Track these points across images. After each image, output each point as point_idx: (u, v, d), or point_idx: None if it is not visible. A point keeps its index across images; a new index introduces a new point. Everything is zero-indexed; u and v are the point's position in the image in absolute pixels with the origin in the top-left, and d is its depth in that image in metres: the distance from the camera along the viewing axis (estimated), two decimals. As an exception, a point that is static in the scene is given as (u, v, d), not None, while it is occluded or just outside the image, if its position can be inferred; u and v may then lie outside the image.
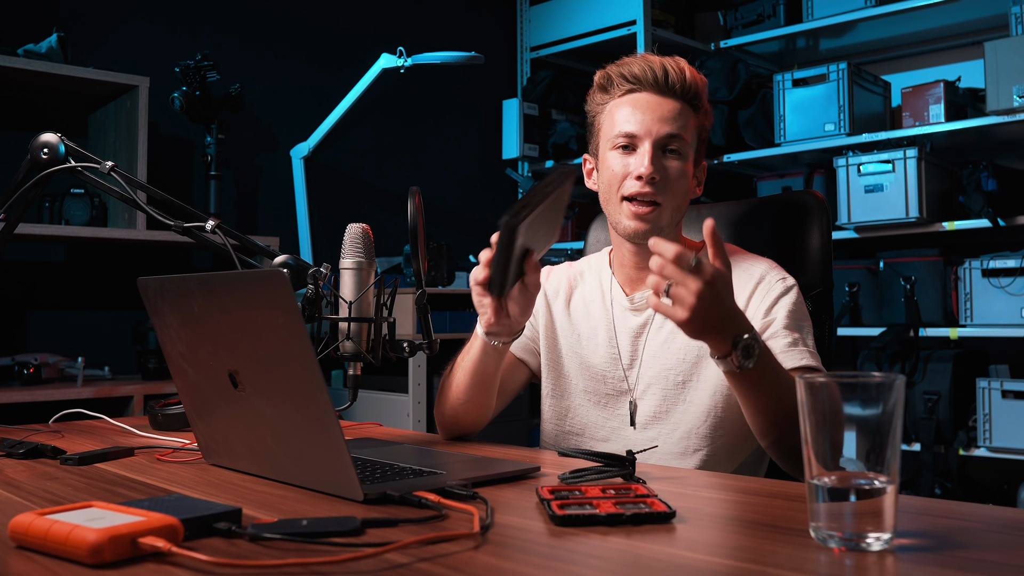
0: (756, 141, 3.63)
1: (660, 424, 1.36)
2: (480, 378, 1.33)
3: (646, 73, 1.33)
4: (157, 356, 2.67)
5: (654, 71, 1.33)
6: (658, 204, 1.32)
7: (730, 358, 1.08)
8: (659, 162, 1.32)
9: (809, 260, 1.51)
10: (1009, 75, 2.94)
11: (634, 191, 1.31)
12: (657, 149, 1.32)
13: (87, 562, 0.70)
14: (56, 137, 1.31)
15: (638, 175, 1.31)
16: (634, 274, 1.42)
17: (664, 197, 1.32)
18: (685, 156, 1.34)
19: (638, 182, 1.31)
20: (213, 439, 1.11)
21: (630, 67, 1.34)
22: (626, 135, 1.33)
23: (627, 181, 1.32)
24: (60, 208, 2.58)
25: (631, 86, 1.35)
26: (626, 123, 1.33)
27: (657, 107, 1.33)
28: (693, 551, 0.78)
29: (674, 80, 1.33)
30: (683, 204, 1.36)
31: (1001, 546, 0.80)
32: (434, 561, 0.72)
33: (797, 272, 1.44)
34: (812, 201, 1.54)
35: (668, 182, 1.32)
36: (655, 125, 1.32)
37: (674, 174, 1.33)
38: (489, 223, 4.00)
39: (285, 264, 1.20)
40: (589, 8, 3.89)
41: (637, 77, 1.34)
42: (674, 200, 1.33)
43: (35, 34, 2.65)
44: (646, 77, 1.33)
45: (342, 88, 3.30)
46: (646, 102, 1.33)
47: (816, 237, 1.52)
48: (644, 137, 1.32)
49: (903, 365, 3.18)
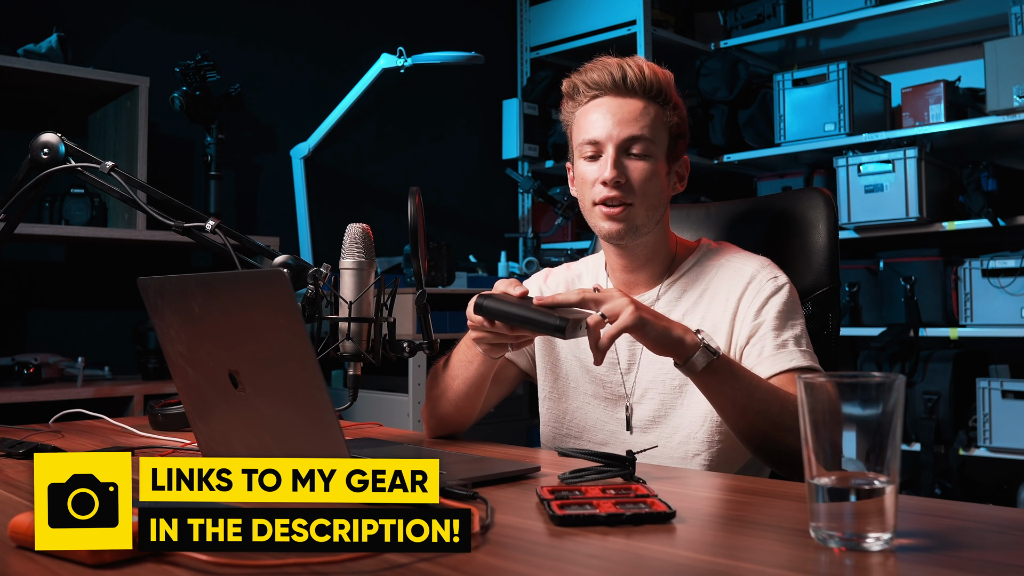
0: (756, 141, 3.63)
1: (658, 428, 1.36)
2: (475, 387, 1.36)
3: (604, 77, 1.33)
4: (157, 356, 2.67)
5: (612, 74, 1.33)
6: (629, 204, 1.32)
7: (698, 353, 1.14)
8: (622, 165, 1.31)
9: (815, 259, 1.49)
10: (1009, 75, 2.94)
11: (602, 196, 1.32)
12: (620, 152, 1.32)
13: (87, 562, 0.70)
14: (56, 137, 1.31)
15: (603, 181, 1.31)
16: (624, 277, 1.42)
17: (634, 198, 1.32)
18: (653, 155, 1.33)
19: (604, 187, 1.31)
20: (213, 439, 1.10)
21: (590, 73, 1.35)
22: (590, 142, 1.34)
23: (596, 187, 1.33)
24: (60, 208, 2.58)
25: (594, 92, 1.35)
26: (590, 129, 1.34)
27: (617, 110, 1.33)
28: (693, 551, 0.78)
29: (632, 80, 1.32)
30: (658, 203, 1.35)
31: (1001, 546, 0.80)
32: (434, 561, 0.72)
33: (803, 271, 1.43)
34: (819, 198, 1.52)
35: (635, 184, 1.32)
36: (615, 129, 1.32)
37: (640, 175, 1.32)
38: (489, 223, 4.00)
39: (285, 264, 1.20)
40: (589, 8, 3.89)
41: (596, 83, 1.34)
42: (646, 200, 1.32)
43: (35, 34, 2.65)
44: (604, 81, 1.33)
45: (342, 88, 3.30)
46: (607, 106, 1.33)
47: (823, 235, 1.50)
48: (606, 142, 1.32)
49: (903, 365, 3.18)
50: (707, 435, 1.32)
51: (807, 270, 1.47)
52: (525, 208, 4.08)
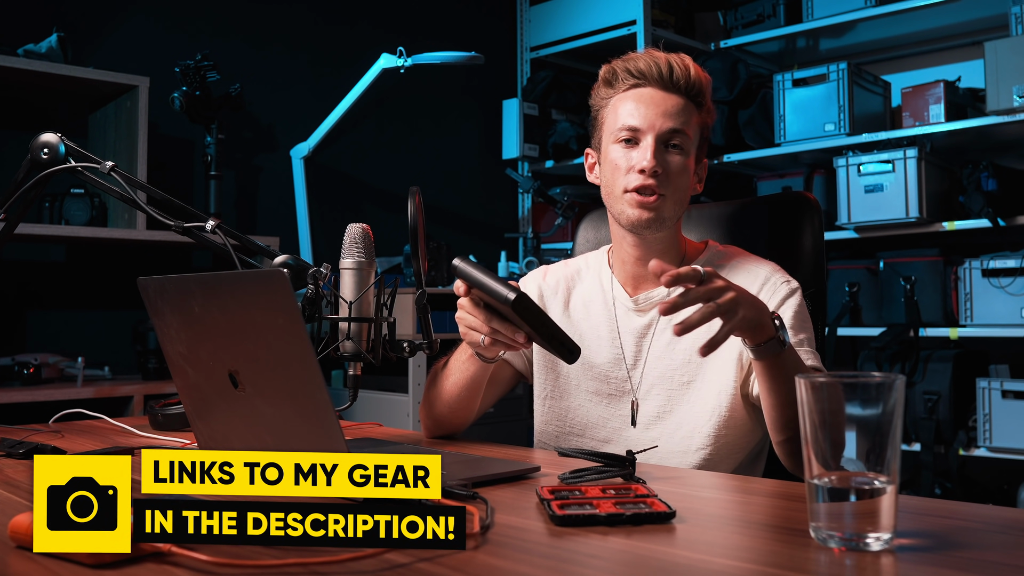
0: (756, 141, 3.63)
1: (662, 424, 1.36)
2: (469, 389, 1.37)
3: (651, 68, 1.34)
4: (157, 356, 2.67)
5: (659, 67, 1.34)
6: (662, 195, 1.33)
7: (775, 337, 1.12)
8: (661, 156, 1.33)
9: (802, 260, 1.52)
10: (1009, 75, 2.94)
11: (637, 184, 1.32)
12: (659, 144, 1.33)
13: (86, 562, 0.70)
14: (56, 137, 1.31)
15: (640, 168, 1.32)
16: (636, 271, 1.42)
17: (667, 190, 1.33)
18: (687, 152, 1.35)
19: (640, 175, 1.32)
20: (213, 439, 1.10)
21: (635, 62, 1.35)
22: (629, 128, 1.34)
23: (630, 175, 1.33)
24: (60, 208, 2.58)
25: (636, 81, 1.35)
26: (629, 117, 1.34)
27: (661, 102, 1.33)
28: (693, 551, 0.78)
29: (679, 76, 1.34)
30: (684, 199, 1.37)
31: (1001, 546, 0.80)
32: (434, 561, 0.72)
33: (791, 272, 1.44)
34: (804, 202, 1.56)
35: (670, 176, 1.33)
36: (658, 120, 1.32)
37: (676, 169, 1.33)
38: (489, 223, 4.00)
39: (285, 264, 1.20)
40: (589, 8, 3.89)
41: (642, 72, 1.35)
42: (676, 194, 1.34)
43: (35, 34, 2.65)
44: (651, 72, 1.34)
45: (342, 88, 3.30)
46: (650, 97, 1.34)
47: (809, 238, 1.53)
48: (647, 131, 1.33)
49: (903, 365, 3.18)
50: (713, 429, 1.32)
51: (794, 272, 1.48)
52: (525, 208, 4.08)
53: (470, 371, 1.34)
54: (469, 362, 1.34)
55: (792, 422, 1.16)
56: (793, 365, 1.16)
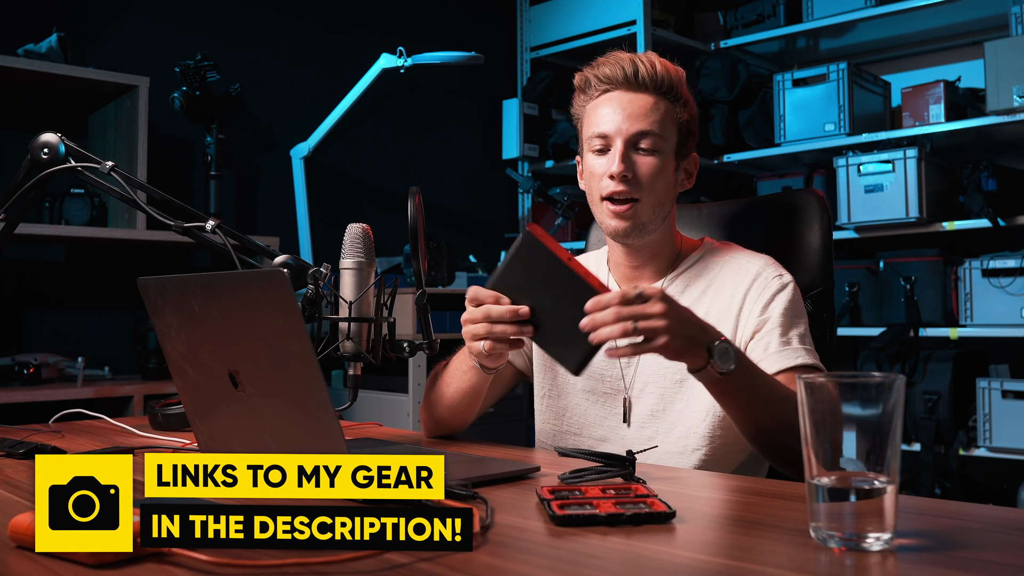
0: (756, 141, 3.63)
1: (657, 422, 1.36)
2: (469, 396, 1.37)
3: (616, 72, 1.34)
4: (157, 356, 2.67)
5: (624, 68, 1.33)
6: (636, 200, 1.32)
7: (709, 366, 1.10)
8: (631, 160, 1.32)
9: (810, 259, 1.50)
10: (1009, 75, 2.94)
11: (610, 191, 1.32)
12: (628, 147, 1.32)
13: (87, 562, 0.70)
14: (56, 137, 1.31)
15: (610, 174, 1.32)
16: (630, 272, 1.42)
17: (640, 194, 1.32)
18: (661, 151, 1.33)
19: (611, 181, 1.32)
20: (213, 439, 1.10)
21: (602, 68, 1.36)
22: (599, 136, 1.34)
23: (603, 181, 1.33)
24: (60, 208, 2.58)
25: (605, 87, 1.36)
26: (599, 124, 1.34)
27: (627, 105, 1.33)
28: (693, 551, 0.78)
29: (644, 75, 1.33)
30: (664, 200, 1.35)
31: (1001, 546, 0.80)
32: (434, 561, 0.72)
33: (797, 271, 1.44)
34: (813, 199, 1.53)
35: (642, 179, 1.32)
36: (624, 123, 1.32)
37: (648, 171, 1.32)
38: (489, 223, 4.00)
39: (285, 264, 1.20)
40: (589, 8, 3.89)
41: (608, 77, 1.35)
42: (652, 196, 1.33)
43: (35, 34, 2.65)
44: (616, 76, 1.34)
45: (342, 88, 3.30)
46: (618, 101, 1.34)
47: (816, 236, 1.51)
48: (615, 136, 1.33)
49: (903, 365, 3.18)
50: (708, 430, 1.32)
51: (801, 271, 1.48)
52: (525, 208, 4.08)
53: (470, 381, 1.35)
54: (470, 372, 1.34)
55: (763, 432, 1.17)
56: (750, 386, 1.14)
